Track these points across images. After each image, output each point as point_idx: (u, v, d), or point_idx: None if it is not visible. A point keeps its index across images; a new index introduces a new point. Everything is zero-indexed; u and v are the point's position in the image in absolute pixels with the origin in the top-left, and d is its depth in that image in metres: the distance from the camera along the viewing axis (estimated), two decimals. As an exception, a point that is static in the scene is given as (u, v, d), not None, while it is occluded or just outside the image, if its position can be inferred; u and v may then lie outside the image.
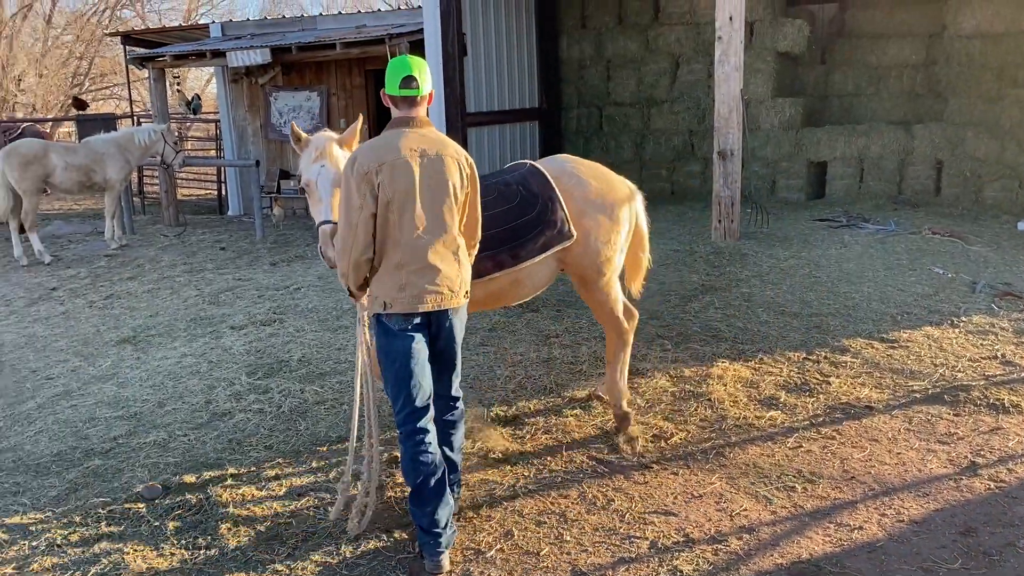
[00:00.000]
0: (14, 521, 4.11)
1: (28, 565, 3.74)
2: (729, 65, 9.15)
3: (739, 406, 5.14)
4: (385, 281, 3.51)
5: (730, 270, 8.26)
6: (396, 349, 3.53)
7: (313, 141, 4.01)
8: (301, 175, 4.00)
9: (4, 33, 29.91)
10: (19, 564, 3.75)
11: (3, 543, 3.92)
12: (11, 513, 4.20)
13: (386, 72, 3.61)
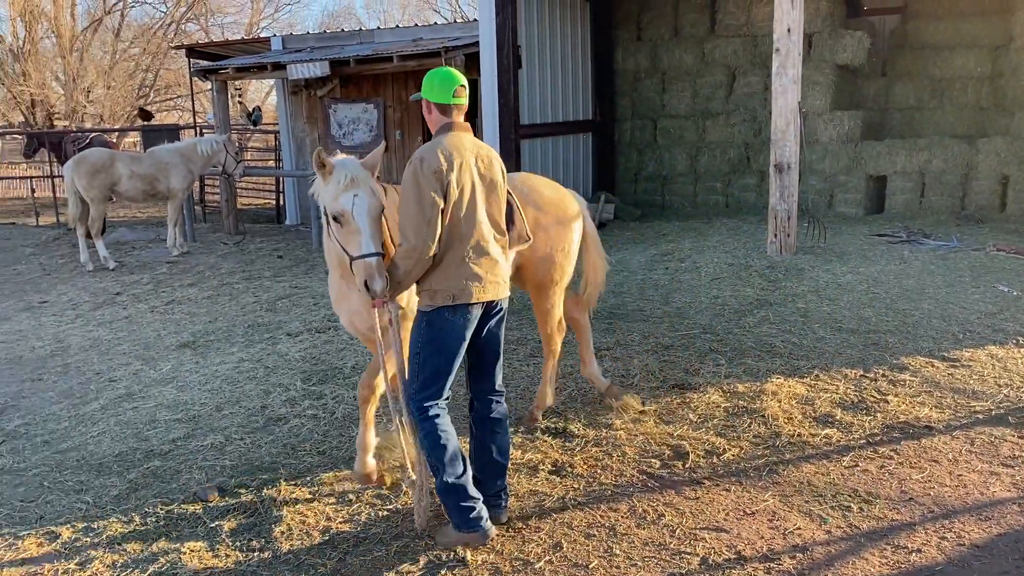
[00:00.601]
0: (77, 518, 4.24)
1: (90, 561, 3.84)
2: (787, 78, 9.05)
3: (793, 423, 5.06)
4: (451, 274, 3.71)
5: (786, 285, 8.15)
6: (449, 340, 3.76)
7: (341, 168, 3.73)
8: (328, 205, 3.71)
9: (75, 47, 30.99)
10: (81, 560, 3.86)
11: (67, 540, 4.04)
12: (75, 511, 4.33)
13: (431, 82, 3.84)
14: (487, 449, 4.00)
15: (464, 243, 3.73)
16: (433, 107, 3.84)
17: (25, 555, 3.92)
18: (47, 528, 4.15)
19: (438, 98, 3.81)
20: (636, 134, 14.29)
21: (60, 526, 4.16)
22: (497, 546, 3.84)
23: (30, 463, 4.99)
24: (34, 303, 9.42)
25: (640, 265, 9.43)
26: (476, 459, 4.02)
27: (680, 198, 13.95)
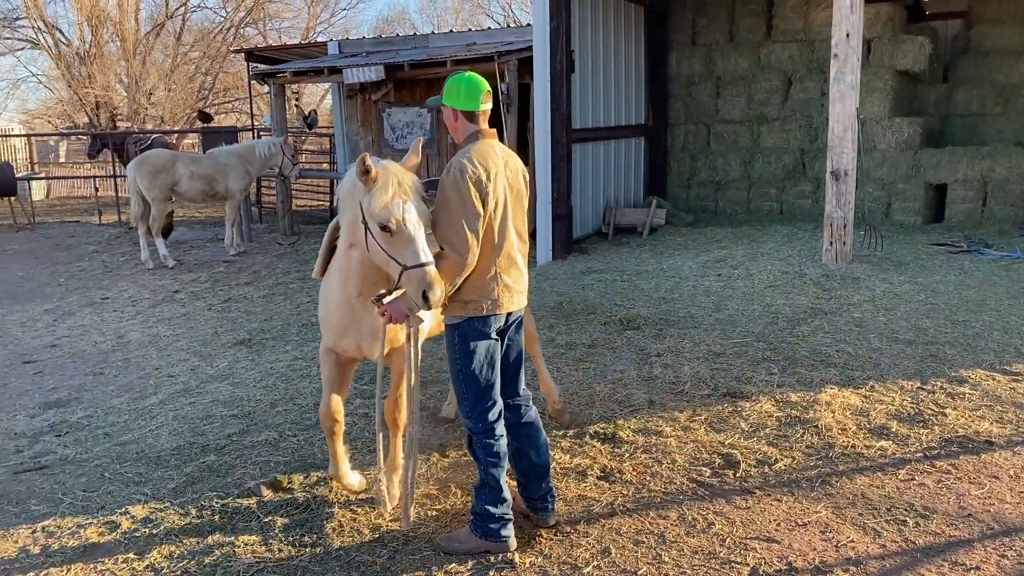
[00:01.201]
0: (136, 509, 4.36)
1: (148, 551, 3.95)
2: (845, 84, 8.90)
3: (847, 434, 4.97)
4: (483, 285, 3.67)
5: (841, 294, 8.01)
6: (485, 351, 3.74)
7: (388, 173, 3.50)
8: (375, 213, 3.45)
9: (138, 50, 31.84)
10: (139, 550, 3.97)
11: (126, 530, 4.16)
12: (134, 502, 4.45)
13: (456, 88, 3.73)
14: (525, 455, 4.00)
15: (496, 253, 3.68)
16: (460, 115, 3.74)
17: (87, 543, 4.04)
18: (108, 518, 4.28)
19: (465, 105, 3.71)
20: (689, 139, 14.18)
21: (120, 516, 4.28)
22: (545, 549, 3.85)
23: (92, 454, 5.14)
24: (96, 299, 9.70)
25: (692, 271, 9.36)
26: (516, 465, 4.02)
27: (733, 204, 13.81)
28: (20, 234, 15.48)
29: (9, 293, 10.32)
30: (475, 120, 3.75)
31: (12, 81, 38.11)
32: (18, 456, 5.19)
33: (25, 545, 4.06)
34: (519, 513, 4.06)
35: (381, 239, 3.47)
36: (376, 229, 3.47)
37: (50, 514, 4.36)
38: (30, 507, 4.45)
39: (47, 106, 37.20)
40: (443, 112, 3.85)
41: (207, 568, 3.77)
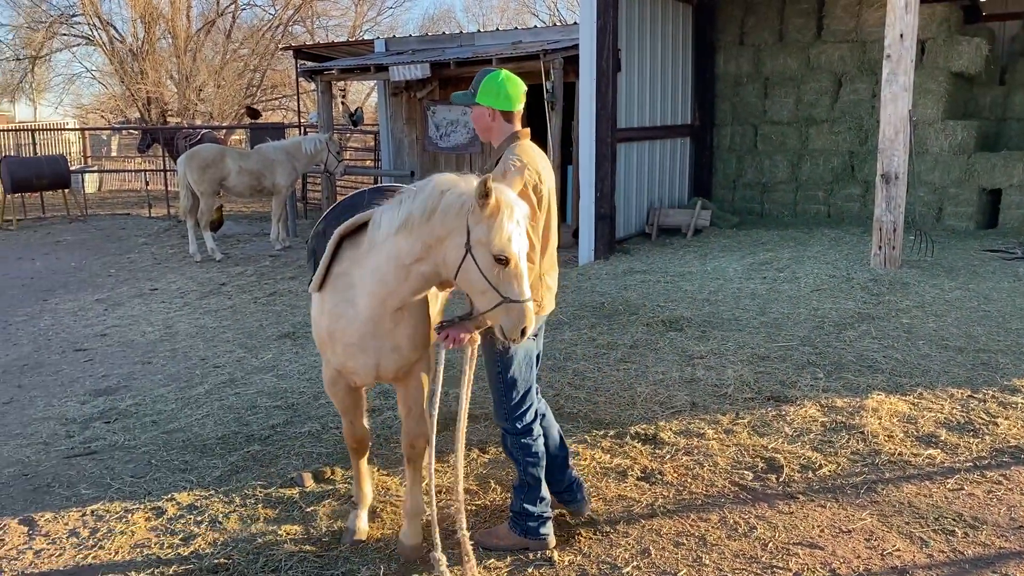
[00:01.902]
0: (182, 496, 4.44)
1: (193, 538, 4.02)
2: (897, 85, 8.74)
3: (894, 441, 4.88)
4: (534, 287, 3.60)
5: (890, 299, 7.87)
6: (524, 353, 3.70)
7: (508, 203, 3.15)
8: (495, 242, 3.10)
9: (189, 47, 32.41)
10: (185, 536, 4.04)
11: (172, 516, 4.23)
12: (180, 488, 4.53)
13: (493, 87, 3.63)
14: (548, 439, 4.00)
15: (542, 255, 3.62)
16: (498, 115, 3.64)
17: (135, 527, 4.12)
18: (154, 504, 4.36)
19: (504, 105, 3.61)
20: (736, 140, 14.03)
21: (166, 502, 4.37)
22: (584, 548, 3.84)
23: (139, 441, 5.24)
24: (145, 290, 9.90)
25: (736, 273, 9.26)
26: None
27: (779, 206, 13.63)
28: (73, 225, 15.85)
29: (62, 283, 10.58)
30: (512, 120, 3.68)
31: (67, 76, 38.86)
32: (69, 441, 5.31)
33: (75, 528, 4.16)
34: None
35: (488, 269, 3.13)
36: (487, 259, 3.12)
37: (99, 498, 4.45)
38: (80, 491, 4.55)
39: (100, 101, 38.03)
40: (474, 111, 3.72)
41: (250, 556, 3.82)
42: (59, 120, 35.42)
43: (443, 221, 3.18)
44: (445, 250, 3.22)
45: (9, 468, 4.90)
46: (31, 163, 16.20)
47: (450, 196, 3.18)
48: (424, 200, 3.22)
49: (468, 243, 3.14)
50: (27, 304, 9.43)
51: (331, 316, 3.56)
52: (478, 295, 3.21)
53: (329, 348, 3.65)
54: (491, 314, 3.20)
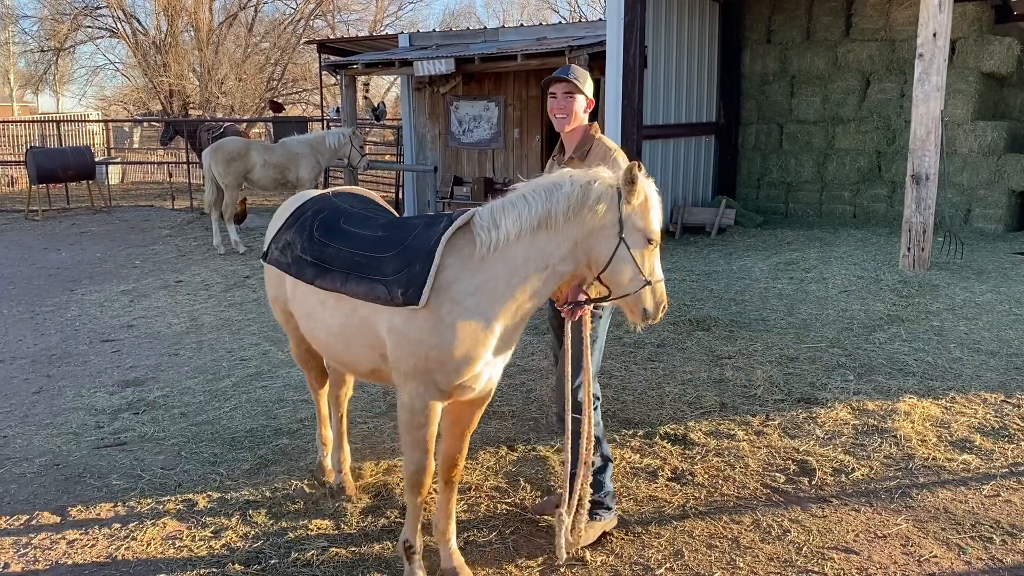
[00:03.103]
0: (212, 489, 4.44)
1: (224, 531, 4.02)
2: (930, 84, 8.64)
3: (928, 446, 4.82)
4: None
5: (919, 301, 7.78)
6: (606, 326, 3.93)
7: (650, 185, 3.22)
8: (649, 227, 3.17)
9: (211, 40, 32.58)
10: (216, 529, 4.04)
11: (203, 508, 4.24)
12: (210, 482, 4.54)
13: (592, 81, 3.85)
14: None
15: None
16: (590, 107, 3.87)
17: (166, 520, 4.13)
18: (185, 496, 4.37)
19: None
20: (761, 138, 13.93)
21: (197, 495, 4.37)
22: (616, 549, 3.81)
23: (169, 433, 5.26)
24: (170, 282, 9.94)
25: (762, 273, 9.19)
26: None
27: (805, 206, 13.53)
28: (97, 216, 15.96)
29: (88, 274, 10.64)
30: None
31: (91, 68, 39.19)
32: (99, 432, 5.33)
33: (107, 519, 4.17)
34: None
35: (638, 253, 3.15)
36: (640, 243, 3.15)
37: (130, 490, 4.47)
38: (111, 482, 4.57)
39: (123, 93, 38.33)
40: (573, 100, 3.76)
41: (281, 550, 3.82)
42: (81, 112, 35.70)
43: (596, 213, 3.13)
44: (593, 243, 3.17)
45: (41, 458, 4.92)
46: (57, 154, 16.32)
47: (600, 187, 3.14)
48: (567, 196, 3.14)
49: (621, 232, 3.13)
50: (54, 294, 9.49)
51: (453, 332, 3.16)
52: (625, 282, 3.18)
53: (442, 371, 3.21)
54: (633, 297, 3.20)
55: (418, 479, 3.43)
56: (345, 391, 4.53)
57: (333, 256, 3.47)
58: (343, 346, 3.52)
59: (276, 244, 3.86)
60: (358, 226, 3.56)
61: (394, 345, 3.25)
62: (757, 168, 13.93)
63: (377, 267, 3.30)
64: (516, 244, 3.17)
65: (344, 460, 4.45)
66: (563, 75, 3.79)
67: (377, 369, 3.48)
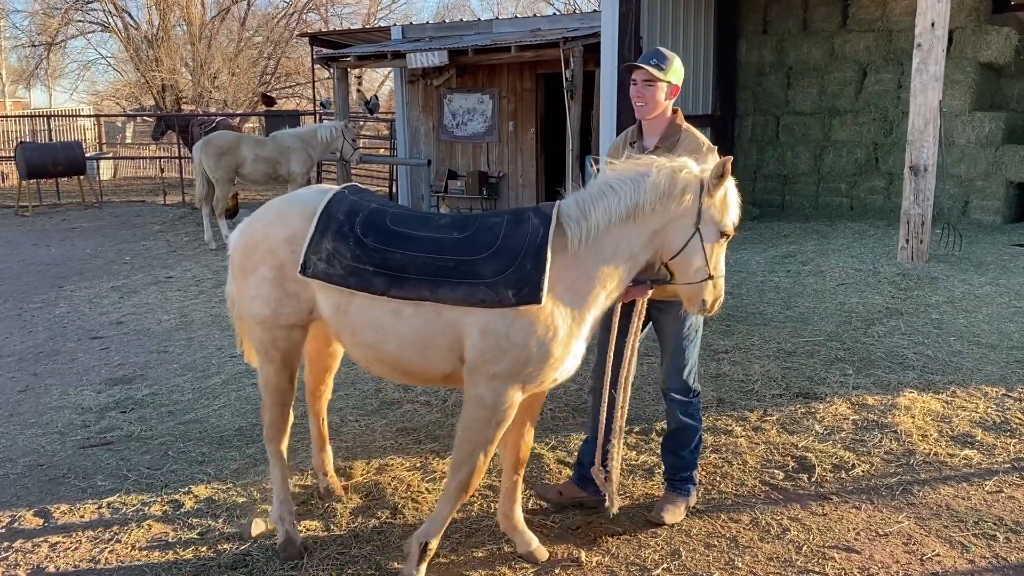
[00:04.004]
0: (199, 489, 4.34)
1: (211, 532, 3.93)
2: (928, 75, 8.54)
3: (929, 441, 4.74)
4: None
5: (918, 294, 7.70)
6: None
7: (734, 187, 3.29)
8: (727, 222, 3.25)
9: (203, 34, 32.35)
10: (202, 531, 3.95)
11: (190, 509, 4.14)
12: (197, 481, 4.44)
13: (679, 65, 3.73)
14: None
15: None
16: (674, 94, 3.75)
17: (152, 521, 4.03)
18: (171, 496, 4.27)
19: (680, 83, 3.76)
20: (757, 130, 13.83)
21: (183, 496, 4.28)
22: (612, 549, 3.72)
23: (156, 432, 5.16)
24: (161, 278, 9.83)
25: (759, 266, 9.10)
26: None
27: (801, 198, 13.44)
28: (88, 212, 15.83)
29: (78, 270, 10.53)
30: None
31: (82, 63, 38.90)
32: (85, 431, 5.23)
33: (91, 520, 4.07)
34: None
35: (709, 247, 3.20)
36: (713, 236, 3.20)
37: (115, 490, 4.37)
38: (96, 482, 4.47)
39: (115, 88, 38.07)
40: (655, 88, 3.66)
41: (268, 552, 3.72)
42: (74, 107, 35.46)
43: (681, 203, 3.18)
44: (669, 233, 3.23)
45: (25, 458, 4.82)
46: (47, 149, 16.19)
47: (687, 177, 3.18)
48: (655, 185, 3.16)
49: (698, 222, 3.18)
50: (42, 291, 9.38)
51: (555, 330, 3.16)
52: (691, 271, 3.26)
53: (540, 368, 3.22)
54: (694, 287, 3.28)
55: (473, 481, 3.39)
56: (324, 400, 4.26)
57: (405, 263, 3.25)
58: (418, 354, 3.31)
59: (316, 255, 3.37)
60: (416, 227, 3.36)
61: (489, 346, 3.17)
62: (753, 160, 13.83)
63: (472, 270, 3.18)
64: (605, 236, 3.20)
65: (326, 462, 4.27)
66: (644, 62, 3.68)
67: (451, 374, 3.36)
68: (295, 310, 3.52)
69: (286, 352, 3.62)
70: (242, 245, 3.64)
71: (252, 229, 3.63)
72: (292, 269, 3.44)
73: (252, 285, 3.56)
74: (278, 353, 3.61)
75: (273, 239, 3.51)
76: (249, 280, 3.57)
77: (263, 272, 3.52)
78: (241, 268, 3.63)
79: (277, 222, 3.56)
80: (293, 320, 3.55)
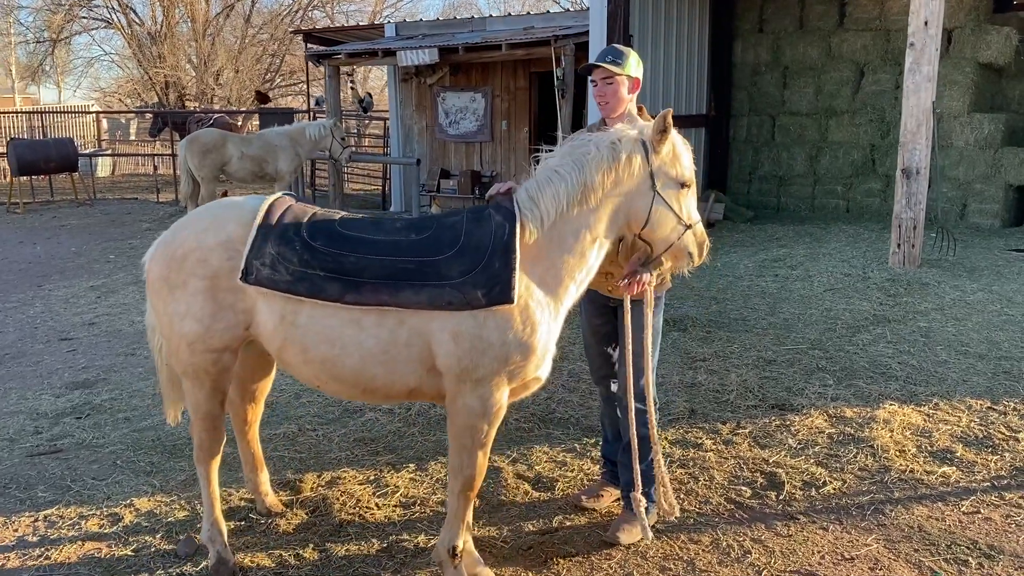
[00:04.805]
0: (142, 502, 4.18)
1: (146, 548, 3.76)
2: (920, 75, 8.33)
3: (906, 457, 4.55)
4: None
5: (907, 300, 7.49)
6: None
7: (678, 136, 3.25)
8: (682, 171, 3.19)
9: (208, 31, 32.25)
10: (137, 547, 3.78)
11: (128, 524, 3.98)
12: (140, 493, 4.28)
13: (635, 58, 3.63)
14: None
15: None
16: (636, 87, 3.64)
17: (86, 535, 3.87)
18: (111, 509, 4.11)
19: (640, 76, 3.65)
20: (752, 131, 13.62)
21: (124, 508, 4.11)
22: (563, 571, 3.54)
23: (108, 440, 5.00)
24: (142, 277, 9.65)
25: (747, 270, 8.90)
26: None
27: (797, 200, 13.23)
28: (79, 210, 15.71)
29: (59, 268, 10.40)
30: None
31: (86, 60, 38.92)
32: (36, 438, 5.07)
33: (24, 535, 3.91)
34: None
35: (675, 202, 3.15)
36: (674, 192, 3.15)
37: (55, 502, 4.21)
38: (36, 493, 4.31)
39: (119, 85, 38.03)
40: (615, 85, 3.55)
41: (202, 572, 3.56)
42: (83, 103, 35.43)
43: (630, 173, 3.12)
44: (630, 203, 3.15)
45: (-32, 466, 4.67)
46: (39, 146, 16.07)
47: (627, 143, 3.11)
48: (599, 161, 3.09)
49: (654, 185, 3.12)
50: (21, 290, 9.24)
51: (533, 326, 3.07)
52: (667, 233, 3.19)
53: (522, 367, 3.12)
54: (676, 247, 3.21)
55: (476, 481, 3.29)
56: (254, 427, 3.98)
57: (361, 266, 3.06)
58: (384, 368, 3.11)
59: (258, 259, 3.13)
60: (369, 231, 3.18)
61: (465, 351, 3.03)
62: (748, 161, 13.63)
63: (436, 271, 3.03)
64: (563, 224, 3.11)
65: (262, 483, 4.04)
66: (599, 60, 3.58)
67: (417, 388, 3.19)
68: (230, 325, 3.24)
69: (217, 377, 3.36)
70: (166, 257, 3.31)
71: (179, 239, 3.32)
72: (227, 278, 3.19)
73: (181, 301, 3.25)
74: (208, 378, 3.34)
75: (205, 246, 3.23)
76: (176, 296, 3.26)
77: (194, 285, 3.22)
78: (166, 284, 3.30)
79: (211, 228, 3.28)
80: (228, 338, 3.27)
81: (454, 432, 3.21)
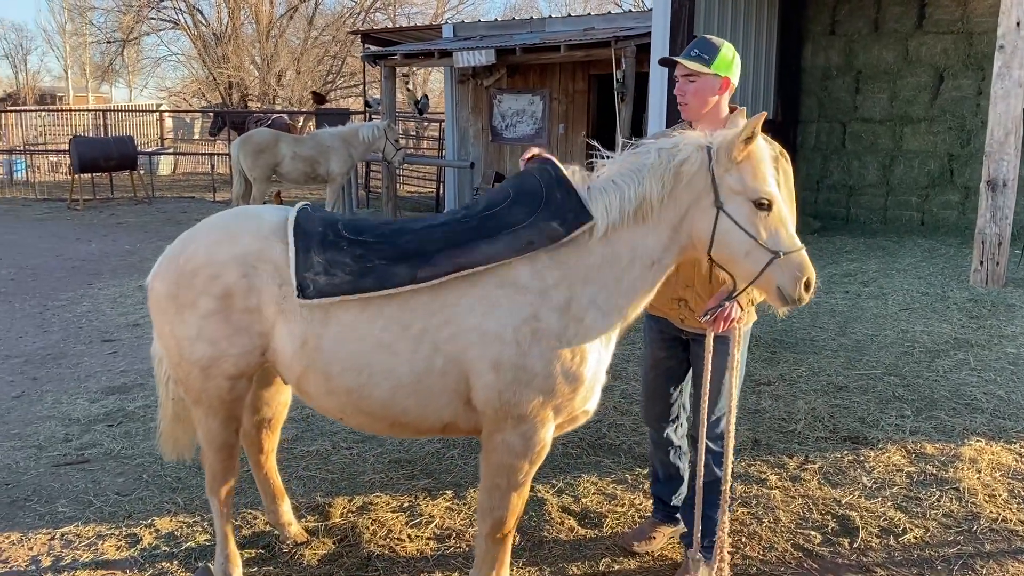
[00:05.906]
0: (163, 522, 3.95)
1: (164, 574, 3.52)
2: (1011, 80, 7.75)
3: (997, 503, 4.07)
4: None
5: (992, 323, 6.93)
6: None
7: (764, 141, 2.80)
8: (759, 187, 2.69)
9: (271, 32, 32.61)
10: (156, 573, 3.54)
11: (147, 546, 3.75)
12: (163, 512, 4.05)
13: (730, 55, 3.13)
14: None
15: None
16: (728, 90, 3.15)
17: (100, 559, 3.65)
18: (131, 529, 3.88)
19: (736, 78, 3.16)
20: (822, 138, 13.03)
21: (144, 529, 3.88)
22: (608, 625, 3.18)
23: (137, 450, 4.80)
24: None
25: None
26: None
27: (867, 212, 12.60)
28: (137, 207, 15.85)
29: (112, 267, 10.38)
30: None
31: (154, 60, 39.74)
32: (65, 446, 4.90)
33: (38, 554, 3.70)
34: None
35: (747, 221, 2.68)
36: (745, 210, 2.68)
37: (74, 519, 4.00)
38: (57, 508, 4.11)
39: (184, 85, 38.77)
40: (702, 83, 3.09)
41: (218, 605, 3.30)
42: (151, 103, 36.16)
43: (690, 186, 2.73)
44: (691, 222, 2.77)
45: (-7, 475, 4.51)
46: (99, 144, 16.28)
47: (686, 152, 2.73)
48: (659, 173, 2.74)
49: (717, 200, 2.70)
50: (70, 288, 9.22)
51: (583, 355, 2.79)
52: (742, 261, 2.72)
53: (569, 401, 2.85)
54: (763, 277, 2.70)
55: (508, 524, 3.00)
56: (271, 457, 3.68)
57: (422, 243, 2.80)
58: (416, 400, 2.82)
59: (310, 271, 2.82)
60: (408, 223, 2.94)
61: (507, 384, 2.74)
62: (817, 170, 13.03)
63: (499, 223, 2.76)
64: (618, 242, 2.78)
65: (283, 514, 3.74)
66: (684, 56, 3.13)
67: (452, 423, 2.90)
68: (246, 350, 2.93)
69: (232, 405, 3.08)
70: (174, 274, 2.99)
71: (188, 252, 2.99)
72: (243, 297, 2.88)
73: (191, 324, 2.94)
74: (223, 407, 3.06)
75: (217, 261, 2.91)
76: (186, 317, 2.94)
77: (205, 305, 2.90)
78: (174, 303, 2.97)
79: (223, 240, 2.96)
80: (243, 365, 2.96)
81: (488, 470, 2.89)
